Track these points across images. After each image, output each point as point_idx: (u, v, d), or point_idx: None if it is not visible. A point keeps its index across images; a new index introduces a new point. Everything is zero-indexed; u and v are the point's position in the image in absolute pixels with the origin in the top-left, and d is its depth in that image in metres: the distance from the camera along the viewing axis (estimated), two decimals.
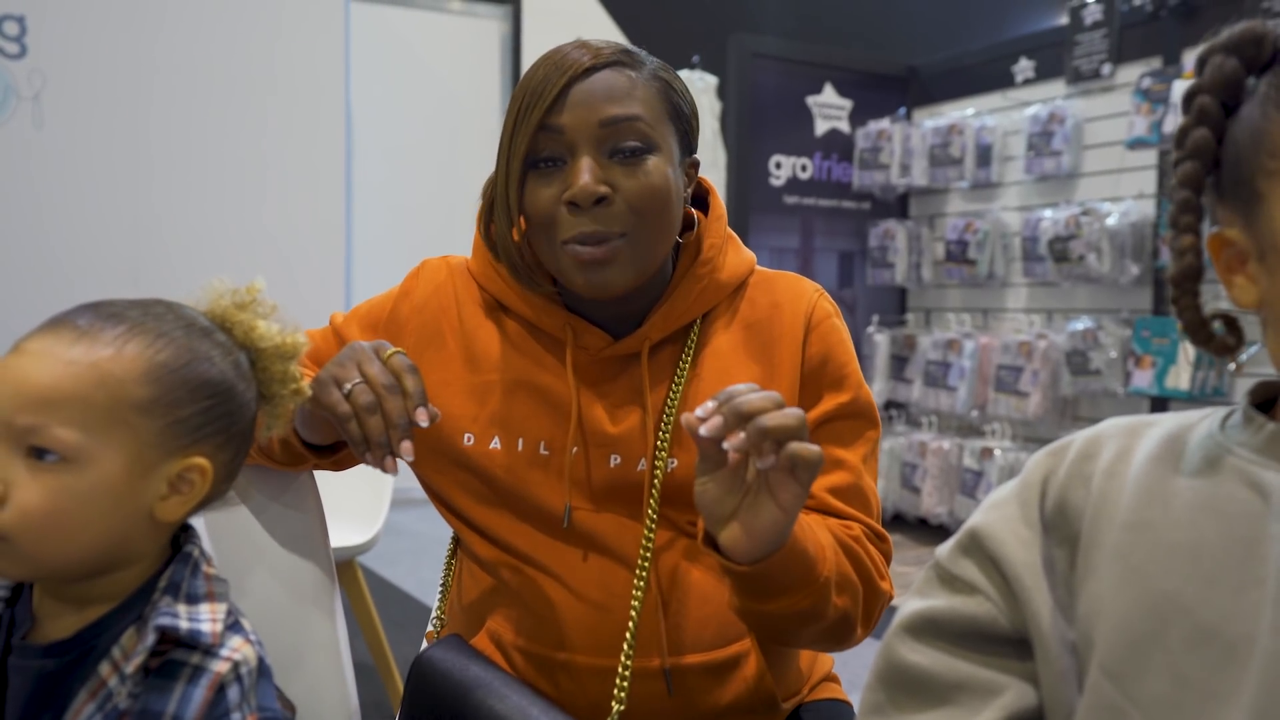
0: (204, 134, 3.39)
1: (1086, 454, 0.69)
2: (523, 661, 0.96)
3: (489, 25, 5.08)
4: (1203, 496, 0.62)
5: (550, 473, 0.97)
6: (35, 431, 0.69)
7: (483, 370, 1.00)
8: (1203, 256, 0.66)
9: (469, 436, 0.98)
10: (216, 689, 0.72)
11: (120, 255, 3.30)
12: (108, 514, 0.72)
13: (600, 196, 0.89)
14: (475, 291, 1.03)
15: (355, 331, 1.05)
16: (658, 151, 0.92)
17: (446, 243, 4.85)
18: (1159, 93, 3.30)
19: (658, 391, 0.98)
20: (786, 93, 4.34)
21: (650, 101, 0.92)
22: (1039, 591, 0.66)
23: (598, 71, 0.91)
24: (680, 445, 0.96)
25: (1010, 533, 0.69)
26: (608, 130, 0.90)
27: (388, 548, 3.79)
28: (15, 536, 0.69)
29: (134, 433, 0.72)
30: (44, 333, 0.73)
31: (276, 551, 1.01)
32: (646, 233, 0.92)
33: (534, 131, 0.90)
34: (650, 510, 0.95)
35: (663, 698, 0.93)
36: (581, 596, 0.94)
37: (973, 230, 3.96)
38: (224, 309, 0.81)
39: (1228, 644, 0.57)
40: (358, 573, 2.26)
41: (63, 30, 3.22)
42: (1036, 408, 3.64)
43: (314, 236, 3.51)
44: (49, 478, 0.69)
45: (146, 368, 0.73)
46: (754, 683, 0.96)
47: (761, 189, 4.30)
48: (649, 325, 0.98)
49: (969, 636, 0.68)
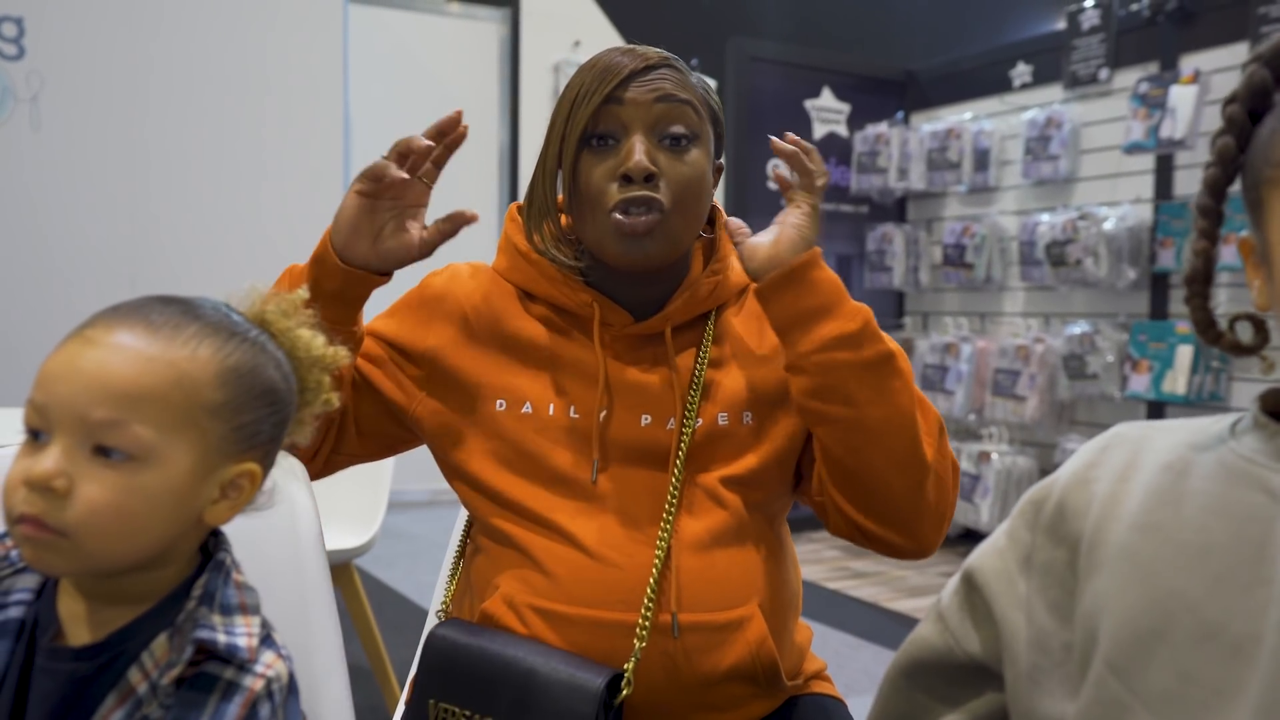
0: (202, 136, 3.39)
1: (1092, 461, 0.70)
2: (536, 619, 0.98)
3: (487, 28, 5.08)
4: (1214, 500, 0.62)
5: (578, 435, 1.02)
6: (113, 427, 0.67)
7: (514, 349, 1.05)
8: (1211, 261, 0.68)
9: (500, 402, 1.04)
10: (249, 707, 0.71)
11: (118, 256, 3.30)
12: (169, 515, 0.71)
13: (651, 174, 0.98)
14: (502, 284, 1.09)
15: (383, 324, 1.10)
16: (700, 144, 1.01)
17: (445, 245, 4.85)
18: (1156, 98, 3.30)
19: (683, 361, 1.05)
20: (784, 96, 4.35)
21: (697, 99, 1.02)
22: (1006, 595, 0.70)
23: (653, 70, 1.01)
24: (706, 405, 1.03)
25: (989, 545, 0.74)
26: (662, 109, 0.99)
27: (384, 550, 3.79)
28: (78, 533, 0.67)
29: (203, 435, 0.71)
30: (111, 323, 0.71)
31: (272, 554, 1.01)
32: (682, 216, 1.00)
33: (594, 113, 0.98)
34: (676, 468, 1.00)
35: (669, 655, 0.96)
36: (596, 555, 0.97)
37: (970, 234, 3.96)
38: (267, 314, 0.79)
39: (1233, 641, 0.58)
40: (354, 575, 2.26)
41: (61, 32, 3.22)
42: (1034, 411, 3.65)
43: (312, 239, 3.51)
44: (115, 475, 0.68)
45: (219, 370, 0.72)
46: (756, 646, 0.98)
47: (759, 192, 4.30)
48: (672, 307, 1.05)
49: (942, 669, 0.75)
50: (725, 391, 1.04)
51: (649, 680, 0.95)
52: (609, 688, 0.91)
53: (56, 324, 0.75)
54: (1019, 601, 0.70)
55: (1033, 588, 0.69)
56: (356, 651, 2.38)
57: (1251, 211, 0.65)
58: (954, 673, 0.75)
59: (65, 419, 0.68)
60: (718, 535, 1.00)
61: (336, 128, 3.54)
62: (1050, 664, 0.66)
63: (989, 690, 0.74)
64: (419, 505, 4.61)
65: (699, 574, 0.98)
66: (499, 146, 5.10)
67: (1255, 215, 0.64)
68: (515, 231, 1.09)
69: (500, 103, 5.08)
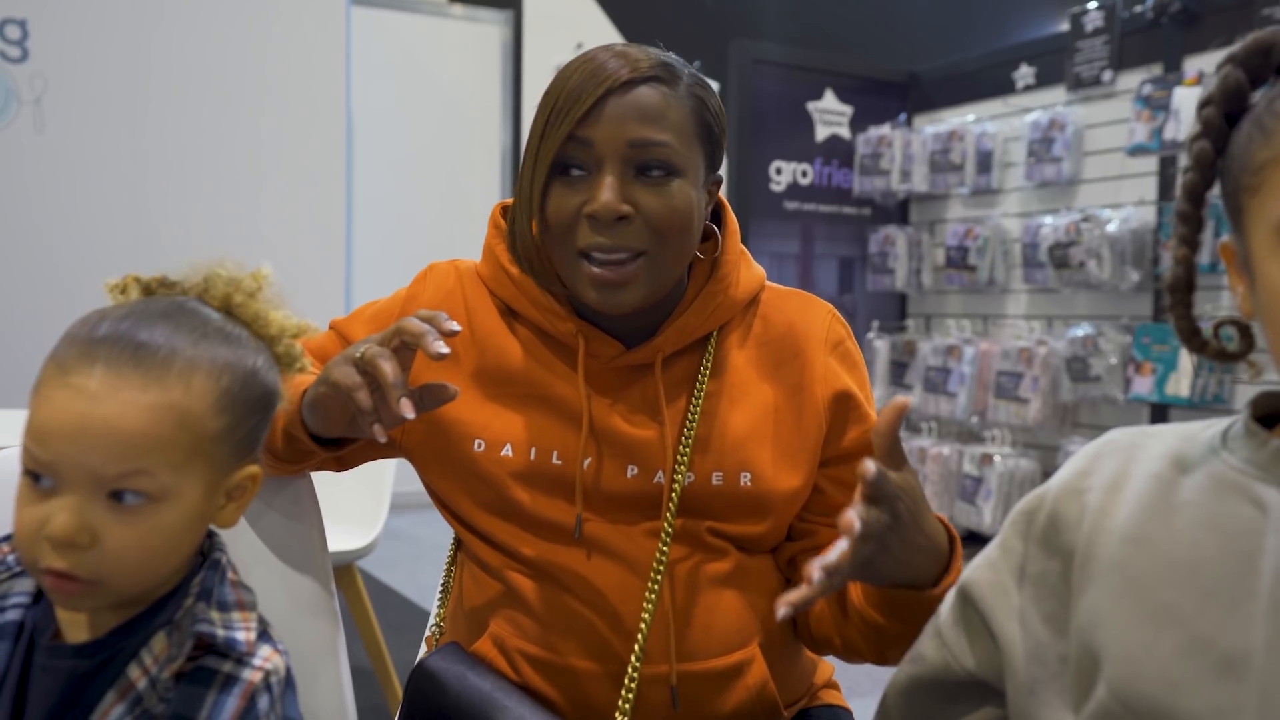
0: (205, 138, 3.39)
1: (1083, 470, 0.70)
2: (525, 665, 0.95)
3: (490, 30, 5.08)
4: (1205, 514, 0.62)
5: (562, 483, 0.96)
6: (127, 478, 0.69)
7: (495, 379, 0.98)
8: (1193, 268, 0.67)
9: (479, 443, 0.96)
10: (248, 698, 0.73)
11: (120, 258, 3.30)
12: (188, 539, 0.75)
13: (621, 215, 0.89)
14: (486, 297, 1.02)
15: (360, 330, 1.03)
16: (683, 175, 0.92)
17: (446, 246, 4.85)
18: (1160, 99, 3.30)
19: (675, 404, 0.98)
20: (787, 98, 4.34)
21: (681, 124, 0.92)
22: (1001, 608, 0.70)
23: (635, 87, 0.90)
24: (699, 458, 0.96)
25: (982, 559, 0.73)
26: (636, 150, 0.90)
27: (387, 552, 3.79)
28: (108, 579, 0.70)
29: (210, 461, 0.74)
30: (94, 364, 0.69)
31: (274, 556, 1.00)
32: (665, 253, 0.92)
33: (563, 141, 0.90)
34: (667, 523, 0.94)
35: (667, 706, 0.93)
36: (588, 603, 0.94)
37: (973, 236, 3.96)
38: (234, 300, 0.79)
39: (1223, 655, 0.57)
40: (356, 577, 2.26)
41: (64, 35, 3.22)
42: (1036, 414, 3.64)
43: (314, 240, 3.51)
44: (135, 518, 0.70)
45: (216, 398, 0.73)
46: (756, 691, 0.96)
47: (762, 195, 4.30)
48: (662, 338, 0.97)
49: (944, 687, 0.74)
50: (722, 443, 0.96)
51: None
52: None
53: (57, 324, 0.75)
54: (1014, 612, 0.69)
55: (1026, 598, 0.69)
56: (359, 653, 2.38)
57: (1232, 217, 0.64)
58: (953, 689, 0.74)
59: (75, 474, 0.69)
60: (713, 579, 0.96)
61: (339, 129, 3.54)
62: (1047, 675, 0.66)
63: (986, 706, 0.73)
64: (421, 507, 4.58)
65: (695, 620, 0.94)
66: (501, 149, 5.10)
67: (1235, 221, 0.63)
68: (497, 240, 1.01)
69: (502, 105, 5.08)
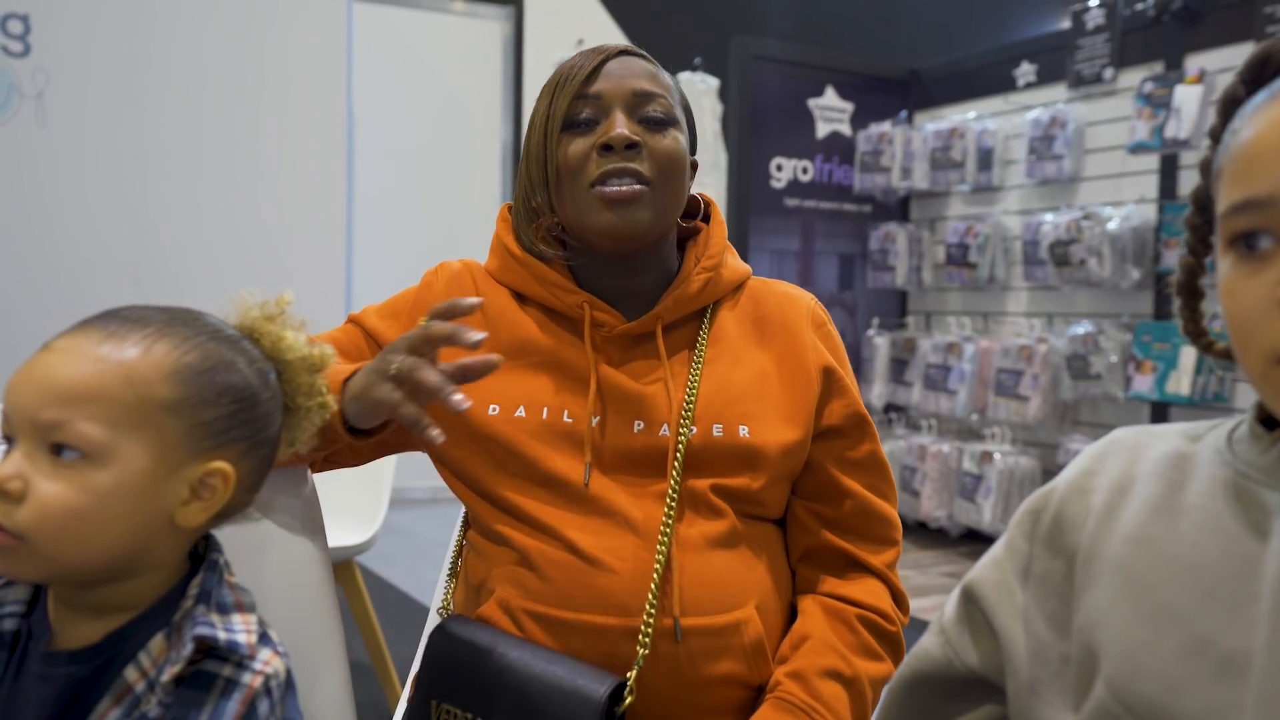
0: (206, 134, 3.39)
1: (1089, 470, 0.70)
2: (532, 624, 0.97)
3: (491, 26, 5.08)
4: (1209, 516, 0.62)
5: (572, 440, 1.01)
6: (59, 427, 0.69)
7: (507, 352, 1.04)
8: (1196, 274, 0.68)
9: (494, 407, 1.02)
10: (248, 704, 0.71)
11: (122, 254, 3.30)
12: (128, 514, 0.71)
13: (632, 143, 0.99)
14: (495, 287, 1.09)
15: (374, 320, 1.09)
16: (678, 128, 1.04)
17: (447, 241, 4.85)
18: (1161, 97, 3.30)
19: (678, 365, 1.05)
20: (788, 95, 4.34)
21: (670, 92, 1.05)
22: (1005, 606, 0.70)
23: (629, 56, 1.05)
24: (701, 412, 1.02)
25: (988, 557, 0.74)
26: (640, 99, 1.02)
27: (386, 548, 3.80)
28: (33, 535, 0.68)
29: (159, 432, 0.72)
30: (72, 333, 0.73)
31: (274, 551, 1.01)
32: (665, 190, 1.02)
33: (572, 99, 1.01)
34: (673, 480, 0.99)
35: (668, 660, 0.95)
36: (592, 560, 0.97)
37: (973, 234, 3.96)
38: (253, 320, 0.81)
39: (1223, 656, 0.58)
40: (356, 573, 2.26)
41: (66, 29, 3.22)
42: (1036, 412, 3.64)
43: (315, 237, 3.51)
44: (70, 474, 0.69)
45: (174, 368, 0.73)
46: (751, 650, 0.98)
47: (762, 191, 4.30)
48: (661, 307, 1.05)
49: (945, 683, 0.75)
50: (721, 399, 1.03)
51: (650, 686, 0.95)
52: (611, 696, 0.90)
53: (58, 323, 0.76)
54: (1017, 612, 0.69)
55: (1030, 598, 0.69)
56: (358, 648, 2.39)
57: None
58: (955, 686, 0.75)
59: (21, 423, 0.69)
60: (715, 539, 1.00)
61: (340, 125, 3.54)
62: (1049, 675, 0.66)
63: (988, 703, 0.74)
64: (421, 503, 4.61)
65: (698, 577, 0.98)
66: (502, 144, 5.10)
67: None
68: (505, 232, 1.10)
69: (504, 101, 5.08)
